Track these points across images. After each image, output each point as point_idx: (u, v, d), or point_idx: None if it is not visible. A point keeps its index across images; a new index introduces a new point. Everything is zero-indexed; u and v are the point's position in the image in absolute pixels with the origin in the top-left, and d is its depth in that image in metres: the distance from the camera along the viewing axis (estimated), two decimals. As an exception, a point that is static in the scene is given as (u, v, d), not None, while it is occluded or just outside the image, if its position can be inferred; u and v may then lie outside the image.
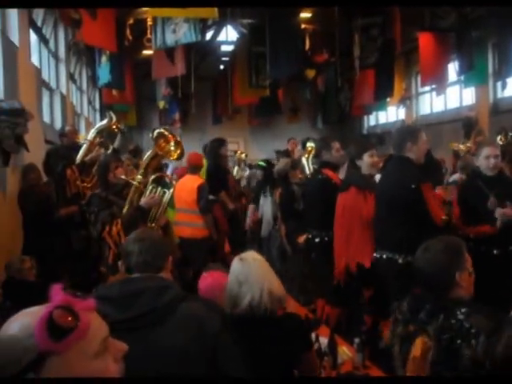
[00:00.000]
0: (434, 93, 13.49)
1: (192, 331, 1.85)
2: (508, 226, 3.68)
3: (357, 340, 3.23)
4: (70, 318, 1.02)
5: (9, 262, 4.51)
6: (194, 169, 5.85)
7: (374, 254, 3.81)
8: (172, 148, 4.06)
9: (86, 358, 1.05)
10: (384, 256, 3.69)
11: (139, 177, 3.97)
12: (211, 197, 6.40)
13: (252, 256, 2.50)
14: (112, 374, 1.09)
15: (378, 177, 4.59)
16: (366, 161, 4.28)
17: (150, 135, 4.08)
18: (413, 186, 3.50)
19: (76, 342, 1.02)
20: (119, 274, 2.44)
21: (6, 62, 5.84)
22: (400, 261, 3.57)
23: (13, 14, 6.45)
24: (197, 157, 6.04)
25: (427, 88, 13.73)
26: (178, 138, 4.16)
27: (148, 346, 1.79)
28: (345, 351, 3.43)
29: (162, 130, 4.15)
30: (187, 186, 5.63)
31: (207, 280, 2.99)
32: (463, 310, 2.02)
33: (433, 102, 14.75)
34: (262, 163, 7.01)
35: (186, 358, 1.82)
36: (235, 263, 2.47)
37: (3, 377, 1.00)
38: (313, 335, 3.27)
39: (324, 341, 3.27)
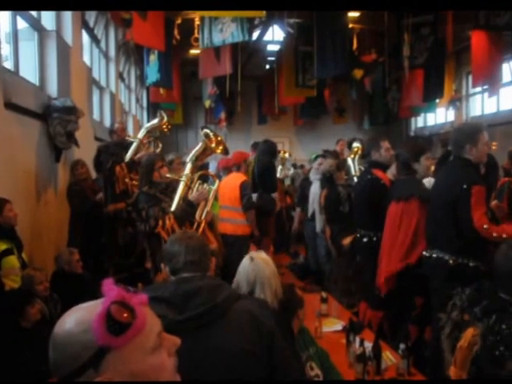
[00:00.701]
0: (485, 94, 13.05)
1: (248, 329, 1.84)
2: None
3: (402, 346, 3.15)
4: (127, 313, 1.02)
5: (59, 254, 4.63)
6: (237, 167, 5.92)
7: (424, 253, 3.71)
8: (213, 145, 4.22)
9: (143, 353, 1.04)
10: (434, 255, 3.61)
11: (186, 173, 4.07)
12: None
13: (261, 256, 2.59)
14: (167, 368, 1.08)
15: (427, 180, 4.48)
16: (424, 164, 4.16)
17: (201, 132, 4.23)
18: (464, 187, 3.40)
19: (134, 337, 1.02)
20: (161, 275, 2.44)
21: (60, 61, 6.02)
22: (450, 262, 3.47)
23: (67, 16, 6.65)
24: (240, 155, 6.11)
25: (479, 89, 13.32)
26: (220, 138, 4.31)
27: (206, 345, 1.78)
28: (389, 356, 3.37)
29: (207, 131, 4.29)
30: (230, 184, 5.71)
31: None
32: None
33: (484, 104, 14.29)
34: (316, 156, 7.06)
35: (243, 357, 1.81)
36: (245, 262, 2.55)
37: (63, 375, 1.00)
38: (357, 339, 3.23)
39: (368, 345, 3.21)
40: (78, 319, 1.03)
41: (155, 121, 6.56)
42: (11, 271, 3.90)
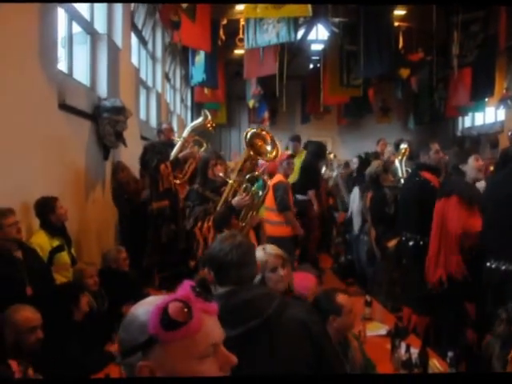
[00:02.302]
0: (539, 92, 12.57)
1: (301, 337, 1.82)
2: None
3: (450, 354, 3.07)
4: (183, 313, 1.06)
5: (106, 252, 4.75)
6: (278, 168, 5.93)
7: (488, 264, 3.58)
8: (268, 148, 4.01)
9: (189, 356, 1.08)
10: (502, 267, 3.50)
11: (235, 175, 3.99)
12: (303, 197, 6.42)
13: (273, 247, 2.81)
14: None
15: (482, 184, 4.36)
16: (472, 165, 4.06)
17: (244, 135, 4.07)
18: None
19: (183, 338, 1.06)
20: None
21: (110, 62, 6.18)
22: (503, 268, 3.37)
23: (118, 19, 6.83)
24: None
25: (532, 88, 12.83)
26: (275, 139, 4.09)
27: (259, 356, 1.75)
28: (435, 364, 3.27)
29: (257, 131, 4.09)
30: (270, 184, 5.72)
31: (295, 280, 3.00)
32: None
33: (537, 103, 13.74)
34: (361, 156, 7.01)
35: (299, 364, 1.79)
36: (258, 252, 2.63)
37: (121, 350, 1.11)
38: (403, 345, 3.17)
39: (414, 351, 3.14)
40: (145, 307, 1.11)
41: (199, 120, 6.64)
42: (63, 267, 4.04)
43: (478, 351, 3.64)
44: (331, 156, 10.30)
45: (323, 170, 8.79)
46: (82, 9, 5.76)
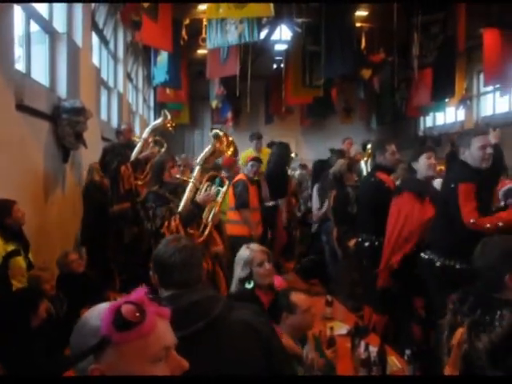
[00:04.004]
0: (497, 93, 12.94)
1: (247, 338, 1.82)
2: None
3: (408, 351, 3.12)
4: (136, 315, 1.08)
5: (57, 258, 4.68)
6: (226, 169, 5.97)
7: (421, 254, 3.72)
8: (225, 147, 4.18)
9: (142, 359, 1.09)
10: (425, 256, 3.65)
11: (195, 174, 4.05)
12: (272, 203, 6.43)
13: (256, 245, 3.05)
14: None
15: (438, 182, 4.46)
16: (423, 163, 4.14)
17: (210, 134, 4.21)
18: (452, 186, 3.42)
19: (136, 339, 1.07)
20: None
21: (69, 62, 6.06)
22: (438, 264, 3.48)
23: (77, 17, 6.69)
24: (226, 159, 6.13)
25: (490, 88, 13.20)
26: (231, 139, 4.26)
27: (204, 359, 1.72)
28: (394, 362, 3.33)
29: (217, 132, 4.25)
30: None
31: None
32: (504, 312, 2.01)
33: (496, 103, 14.16)
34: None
35: (246, 365, 1.78)
36: (243, 250, 2.97)
37: (72, 354, 1.11)
38: (362, 344, 3.21)
39: (373, 350, 3.18)
40: (98, 309, 1.13)
41: (159, 120, 6.59)
42: (18, 272, 3.93)
43: (426, 346, 3.74)
44: (293, 155, 10.35)
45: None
46: (41, 7, 5.62)
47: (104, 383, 1.07)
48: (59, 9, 6.24)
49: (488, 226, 3.23)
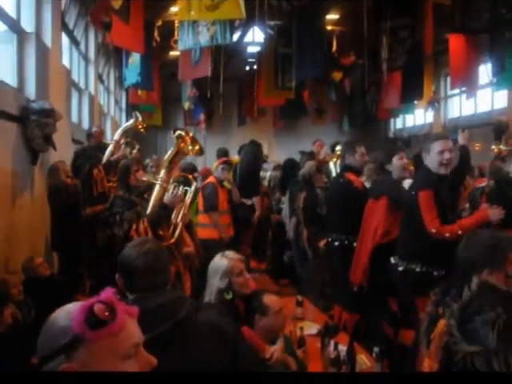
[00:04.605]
0: (463, 96, 13.23)
1: (214, 339, 1.84)
2: None
3: (376, 349, 3.18)
4: (108, 313, 1.11)
5: (22, 263, 4.61)
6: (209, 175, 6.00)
7: (391, 259, 3.79)
8: (190, 147, 4.13)
9: (114, 357, 1.12)
10: (392, 261, 3.73)
11: (162, 176, 4.02)
12: (245, 201, 6.46)
13: (232, 253, 2.91)
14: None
15: (408, 182, 4.54)
16: (396, 163, 4.22)
17: (172, 134, 4.16)
18: (412, 193, 3.48)
19: (108, 337, 1.10)
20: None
21: (38, 63, 5.97)
22: (400, 268, 3.55)
23: (47, 18, 6.59)
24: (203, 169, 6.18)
25: (457, 91, 13.49)
26: (192, 136, 4.23)
27: (174, 360, 1.72)
28: (364, 360, 3.39)
29: (180, 132, 4.20)
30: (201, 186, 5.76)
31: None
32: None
33: (462, 106, 14.48)
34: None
35: (213, 367, 1.80)
36: (219, 260, 2.83)
37: (40, 356, 1.11)
38: (332, 343, 3.26)
39: (343, 348, 3.24)
40: (66, 309, 1.14)
41: (130, 122, 6.56)
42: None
43: (395, 344, 3.82)
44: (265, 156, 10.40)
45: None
46: (8, 6, 5.53)
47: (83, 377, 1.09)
48: (27, 8, 6.14)
49: (448, 235, 3.29)
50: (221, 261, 2.85)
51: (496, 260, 2.14)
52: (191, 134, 4.22)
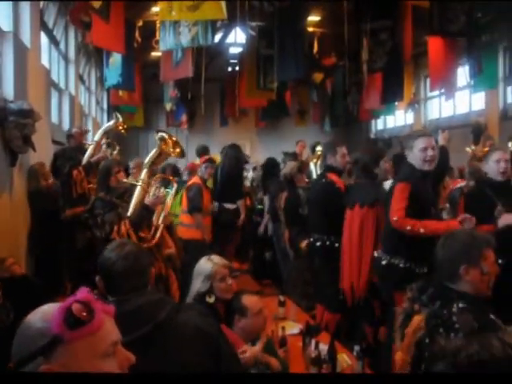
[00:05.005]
0: (443, 97, 13.41)
1: (195, 340, 1.84)
2: None
3: (356, 347, 3.21)
4: (86, 312, 1.12)
5: None
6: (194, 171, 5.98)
7: (374, 252, 3.84)
8: (171, 149, 4.13)
9: (93, 355, 1.12)
10: (375, 255, 3.79)
11: (143, 178, 4.01)
12: (232, 205, 6.44)
13: (218, 257, 2.93)
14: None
15: (387, 183, 4.59)
16: (384, 167, 4.28)
17: (155, 135, 4.16)
18: (391, 185, 3.54)
19: (87, 336, 1.11)
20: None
21: (16, 63, 5.88)
22: (384, 262, 3.60)
23: (25, 16, 6.50)
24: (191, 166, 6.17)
25: (436, 92, 13.66)
26: (175, 139, 4.22)
27: (156, 361, 1.74)
28: (345, 358, 3.41)
29: (162, 133, 4.21)
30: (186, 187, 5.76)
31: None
32: (460, 305, 2.08)
33: (442, 107, 14.68)
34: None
35: (195, 368, 1.80)
36: (204, 263, 2.85)
37: (16, 359, 1.10)
38: (313, 342, 3.28)
39: (324, 348, 3.26)
40: (41, 311, 1.15)
41: (111, 122, 6.53)
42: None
43: (375, 345, 3.86)
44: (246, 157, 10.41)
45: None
46: (-16, 5, 5.46)
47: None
48: (4, 7, 6.06)
49: (409, 228, 3.31)
50: (205, 264, 2.87)
51: (472, 257, 2.18)
52: (174, 137, 4.21)
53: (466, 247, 2.21)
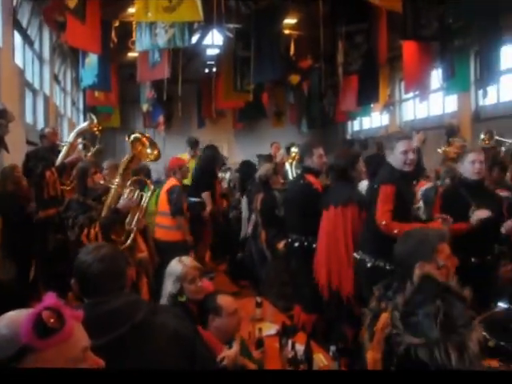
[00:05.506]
0: (417, 99, 13.61)
1: (171, 342, 1.84)
2: (485, 235, 3.72)
3: (333, 348, 3.23)
4: (56, 320, 1.09)
5: None
6: (173, 172, 5.94)
7: (354, 254, 3.87)
8: (148, 150, 4.03)
9: (64, 363, 1.10)
10: (357, 257, 3.79)
11: (117, 180, 3.94)
12: (196, 199, 6.45)
13: (189, 259, 2.98)
14: None
15: (364, 184, 4.64)
16: (360, 170, 4.33)
17: (127, 139, 4.06)
18: (375, 186, 3.57)
19: (57, 344, 1.08)
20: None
21: (-13, 62, 5.80)
22: (369, 264, 3.63)
23: (-4, 15, 6.42)
24: (176, 161, 6.13)
25: (410, 94, 13.86)
26: (152, 139, 4.14)
27: (132, 363, 1.74)
28: (321, 358, 3.43)
29: (137, 135, 4.10)
30: (163, 188, 5.71)
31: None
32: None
33: (416, 109, 14.91)
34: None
35: (170, 368, 1.79)
36: (174, 264, 2.88)
37: None
38: (289, 343, 3.29)
39: (300, 348, 3.28)
40: (7, 318, 1.11)
41: (85, 124, 6.45)
42: None
43: (356, 346, 3.88)
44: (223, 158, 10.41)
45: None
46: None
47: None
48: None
49: (396, 231, 3.36)
50: (175, 265, 2.89)
51: (426, 252, 2.27)
52: (149, 139, 4.10)
53: (420, 244, 2.30)
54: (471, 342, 1.88)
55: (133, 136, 4.03)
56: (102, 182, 4.03)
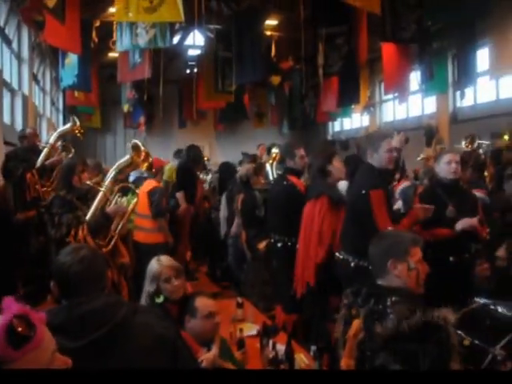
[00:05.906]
0: (396, 101, 13.78)
1: (152, 343, 1.84)
2: (464, 234, 3.79)
3: (313, 347, 3.26)
4: (28, 328, 1.07)
5: None
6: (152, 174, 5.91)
7: (336, 254, 3.89)
8: (141, 161, 4.11)
9: (37, 367, 1.09)
10: (340, 256, 3.79)
11: (106, 183, 3.93)
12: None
13: (167, 258, 2.98)
14: None
15: (342, 183, 4.68)
16: (337, 166, 4.33)
17: (128, 144, 4.12)
18: (363, 192, 3.60)
19: (31, 351, 1.07)
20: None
21: (-36, 62, 5.71)
22: (352, 264, 3.67)
23: (-28, 14, 6.32)
24: (156, 162, 6.09)
25: (390, 96, 14.03)
26: (147, 152, 4.19)
27: (113, 364, 1.73)
28: (302, 358, 3.45)
29: (136, 143, 4.19)
30: (143, 191, 5.62)
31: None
32: (393, 299, 2.18)
33: (396, 110, 15.09)
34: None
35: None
36: (152, 263, 2.91)
37: None
38: (270, 343, 3.31)
39: (281, 348, 3.29)
40: None
41: (67, 126, 6.38)
42: None
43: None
44: (205, 159, 10.40)
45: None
46: None
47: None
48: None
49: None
50: (153, 265, 2.91)
51: (398, 252, 2.31)
52: (146, 149, 4.18)
53: (393, 243, 2.35)
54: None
55: (133, 142, 4.08)
56: (88, 182, 4.02)
